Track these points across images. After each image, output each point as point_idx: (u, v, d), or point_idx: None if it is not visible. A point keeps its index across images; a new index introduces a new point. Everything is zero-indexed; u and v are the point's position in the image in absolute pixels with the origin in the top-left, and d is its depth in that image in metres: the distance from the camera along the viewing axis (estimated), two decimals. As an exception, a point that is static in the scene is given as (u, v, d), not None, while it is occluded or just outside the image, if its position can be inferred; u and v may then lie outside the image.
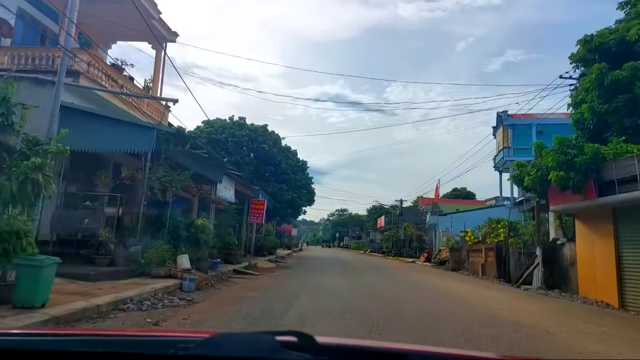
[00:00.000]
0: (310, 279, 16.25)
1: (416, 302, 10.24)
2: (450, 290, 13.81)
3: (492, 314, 8.89)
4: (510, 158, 40.01)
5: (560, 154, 11.13)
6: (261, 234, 34.69)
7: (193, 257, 12.72)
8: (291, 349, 1.10)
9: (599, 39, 11.57)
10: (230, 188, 21.55)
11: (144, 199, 12.73)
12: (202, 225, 13.64)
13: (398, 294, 11.90)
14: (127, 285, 9.61)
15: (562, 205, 12.48)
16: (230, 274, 15.66)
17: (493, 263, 18.20)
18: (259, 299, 10.09)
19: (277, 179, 36.98)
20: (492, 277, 18.25)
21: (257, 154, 36.67)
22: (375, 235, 68.39)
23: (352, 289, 13.20)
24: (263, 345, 1.11)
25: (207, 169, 16.80)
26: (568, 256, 13.47)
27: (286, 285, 13.45)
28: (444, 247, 28.43)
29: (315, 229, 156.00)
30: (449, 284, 15.70)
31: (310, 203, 42.26)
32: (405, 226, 45.00)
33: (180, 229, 13.42)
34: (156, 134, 13.07)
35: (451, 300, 10.96)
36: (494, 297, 12.27)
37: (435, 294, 12.30)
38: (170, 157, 13.51)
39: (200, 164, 15.84)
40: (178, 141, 13.45)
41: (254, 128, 36.91)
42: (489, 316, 8.61)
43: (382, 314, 8.34)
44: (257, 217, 26.47)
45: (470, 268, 21.59)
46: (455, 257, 25.35)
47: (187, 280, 10.78)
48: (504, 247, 17.74)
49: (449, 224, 35.79)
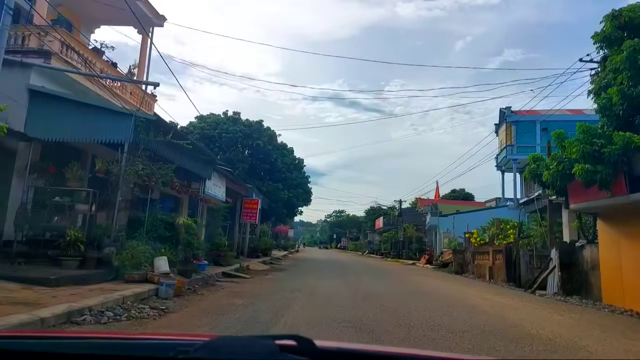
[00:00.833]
0: (305, 283, 14.97)
1: (424, 312, 8.96)
2: (459, 296, 12.55)
3: (513, 327, 7.62)
4: (513, 156, 38.79)
5: (585, 144, 9.87)
6: (256, 235, 33.39)
7: (174, 259, 11.43)
8: (291, 352, 1.11)
9: (628, 14, 10.33)
10: (221, 186, 20.25)
11: (119, 195, 11.45)
12: (185, 225, 12.33)
13: (402, 302, 10.62)
14: (91, 291, 8.31)
15: (586, 202, 11.22)
16: (218, 278, 14.38)
17: (502, 266, 16.95)
18: (244, 307, 8.81)
19: (272, 177, 35.71)
20: (500, 281, 17.00)
21: (252, 151, 35.40)
22: (374, 237, 67.15)
23: (351, 295, 11.94)
24: (262, 349, 1.11)
25: (193, 163, 15.51)
26: (589, 259, 12.22)
27: (278, 290, 12.17)
28: (446, 249, 27.18)
29: (312, 230, 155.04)
30: (456, 289, 14.45)
31: (306, 203, 41.01)
32: (404, 227, 43.72)
33: (161, 228, 12.12)
34: (134, 122, 11.82)
35: (463, 309, 9.69)
36: (509, 304, 11.01)
37: (443, 301, 11.03)
38: (150, 148, 12.22)
39: (185, 157, 14.55)
40: (159, 130, 12.16)
41: (249, 124, 35.63)
42: (512, 330, 7.35)
43: (387, 327, 7.08)
44: (250, 217, 25.16)
45: (475, 271, 20.33)
46: (458, 259, 24.10)
47: (164, 286, 9.48)
48: (514, 250, 16.48)
49: (450, 225, 34.54)
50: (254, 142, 34.61)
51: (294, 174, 37.48)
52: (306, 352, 1.12)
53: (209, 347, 1.15)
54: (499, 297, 12.50)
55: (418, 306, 9.90)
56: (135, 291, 8.77)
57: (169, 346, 1.27)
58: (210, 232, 18.95)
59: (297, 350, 1.12)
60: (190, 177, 16.87)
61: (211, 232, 18.90)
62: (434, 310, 9.23)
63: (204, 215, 20.74)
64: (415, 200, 61.26)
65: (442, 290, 14.04)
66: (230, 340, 1.22)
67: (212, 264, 17.33)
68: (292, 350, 1.12)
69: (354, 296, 11.37)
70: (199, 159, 16.45)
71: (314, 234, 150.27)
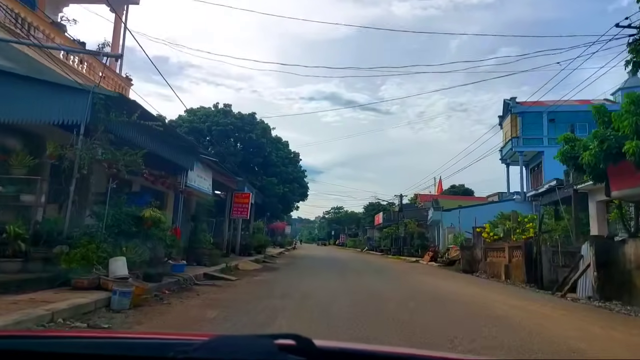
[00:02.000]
0: (298, 285, 13.09)
1: (446, 329, 7.07)
2: (479, 302, 10.67)
3: (570, 352, 5.73)
4: (519, 148, 36.90)
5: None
6: (249, 232, 31.49)
7: (139, 260, 9.52)
8: (290, 352, 1.11)
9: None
10: (207, 178, 18.30)
11: (73, 184, 9.54)
12: (152, 218, 10.40)
13: (416, 312, 8.73)
14: (14, 304, 6.37)
15: (631, 189, 9.33)
16: (198, 280, 12.47)
17: (520, 264, 15.05)
18: (217, 322, 6.93)
19: (266, 171, 33.71)
20: (519, 282, 15.12)
21: (244, 144, 33.39)
22: (373, 233, 65.30)
23: (351, 300, 10.06)
24: (262, 349, 1.11)
25: (170, 150, 13.60)
26: (632, 257, 10.33)
27: (265, 296, 10.28)
28: (453, 246, 25.29)
29: (310, 227, 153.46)
30: (473, 293, 12.56)
31: (303, 198, 39.06)
32: (406, 222, 41.79)
33: (126, 223, 10.20)
34: (92, 99, 9.91)
35: (492, 322, 7.79)
36: (544, 314, 9.13)
37: (464, 310, 9.15)
38: (112, 130, 10.31)
39: (159, 143, 12.63)
40: (122, 109, 10.24)
41: (241, 116, 33.57)
42: (570, 356, 5.46)
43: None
44: (242, 212, 23.22)
45: (488, 270, 18.43)
46: (466, 256, 22.22)
47: (117, 294, 7.56)
48: (535, 245, 14.58)
49: (453, 220, 32.61)
50: (246, 135, 32.57)
51: (289, 168, 35.48)
52: (305, 352, 1.11)
53: (208, 346, 1.15)
54: (527, 303, 10.60)
55: (436, 318, 8.02)
56: (75, 303, 6.84)
57: (168, 346, 1.25)
58: (194, 228, 17.03)
59: (296, 349, 1.11)
60: (170, 167, 14.96)
61: (194, 228, 16.98)
62: (457, 325, 7.33)
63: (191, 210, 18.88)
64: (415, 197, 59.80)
65: (457, 294, 12.15)
66: (230, 340, 1.23)
67: (195, 264, 15.44)
68: (291, 350, 1.11)
69: (355, 305, 9.46)
70: (178, 147, 14.52)
71: (312, 231, 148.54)
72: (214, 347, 1.14)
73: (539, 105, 34.29)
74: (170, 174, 16.11)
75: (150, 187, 16.54)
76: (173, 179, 16.02)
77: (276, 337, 1.15)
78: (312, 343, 1.14)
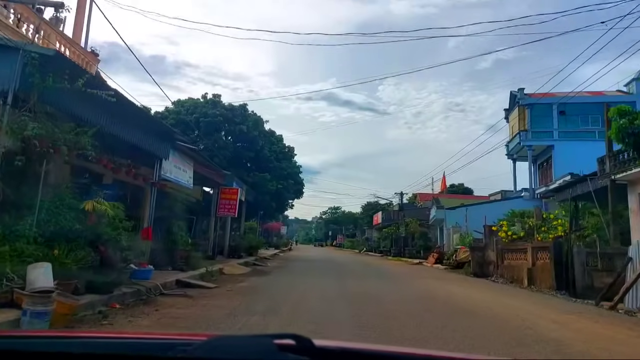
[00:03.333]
0: (288, 294, 10.96)
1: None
2: (512, 315, 8.55)
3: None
4: (528, 142, 34.76)
5: None
6: (239, 232, 29.32)
7: (75, 267, 7.34)
8: (289, 351, 1.10)
9: None
10: (187, 169, 16.10)
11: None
12: (98, 212, 8.23)
13: (438, 334, 6.56)
14: None
15: None
16: (168, 289, 10.32)
17: (548, 268, 12.92)
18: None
19: (259, 167, 31.55)
20: (545, 288, 12.99)
21: (235, 137, 31.23)
22: (372, 233, 63.20)
23: (354, 316, 7.93)
24: (261, 348, 1.11)
25: (137, 133, 11.47)
26: None
27: (244, 310, 8.13)
28: (461, 246, 23.18)
29: (307, 228, 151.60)
30: (501, 303, 10.41)
31: (298, 195, 36.88)
32: (407, 222, 39.63)
33: (65, 218, 8.02)
34: (22, 59, 7.81)
35: (542, 346, 5.66)
36: (602, 334, 7.01)
37: (498, 328, 7.02)
38: (50, 100, 8.18)
39: (121, 122, 10.50)
40: (63, 74, 8.08)
41: (231, 107, 31.41)
42: None
43: None
44: (229, 210, 21.02)
45: (505, 274, 16.27)
46: (477, 258, 20.09)
47: (28, 315, 5.43)
48: (566, 246, 12.46)
49: (459, 218, 30.48)
50: (236, 127, 30.40)
51: (283, 163, 33.31)
52: (305, 351, 1.11)
53: (207, 346, 1.16)
54: (571, 318, 8.46)
55: (467, 343, 5.87)
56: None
57: (168, 345, 1.25)
58: (170, 227, 14.87)
59: (295, 349, 1.11)
60: (141, 155, 12.82)
61: (170, 227, 14.82)
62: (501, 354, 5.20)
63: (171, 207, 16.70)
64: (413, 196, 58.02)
65: (481, 304, 10.03)
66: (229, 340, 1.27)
67: (170, 269, 13.29)
68: (291, 349, 1.10)
69: (359, 322, 7.29)
70: (149, 130, 12.40)
71: (309, 232, 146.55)
72: (214, 346, 1.15)
73: (548, 96, 32.24)
74: (140, 164, 13.97)
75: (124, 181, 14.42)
76: (145, 169, 13.89)
77: (276, 336, 1.13)
78: (311, 342, 1.13)
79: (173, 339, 1.43)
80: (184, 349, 1.12)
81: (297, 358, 1.08)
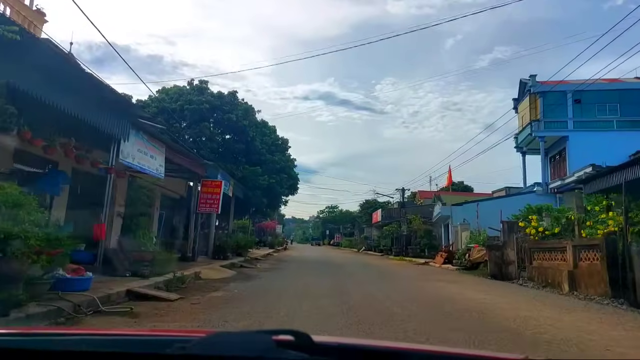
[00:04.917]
0: (273, 309, 8.36)
1: None
2: (576, 340, 6.02)
3: None
4: (540, 133, 32.20)
5: None
6: (228, 230, 26.76)
7: None
8: (288, 348, 1.09)
9: None
10: (156, 155, 13.48)
11: None
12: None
13: None
14: None
15: None
16: (116, 302, 7.82)
17: (598, 270, 10.37)
18: None
19: (249, 160, 28.93)
20: (595, 294, 10.43)
21: (223, 127, 28.63)
22: (371, 232, 60.71)
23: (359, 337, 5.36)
24: (260, 345, 1.10)
25: (73, 99, 8.85)
26: None
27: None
28: (474, 245, 20.66)
29: (304, 227, 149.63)
30: (546, 316, 7.88)
31: (292, 191, 34.28)
32: (410, 219, 37.06)
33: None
34: None
35: None
36: None
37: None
38: None
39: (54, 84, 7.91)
40: None
41: (219, 95, 28.83)
42: None
43: None
44: (210, 205, 18.40)
45: (537, 277, 13.69)
46: (495, 258, 17.55)
47: None
48: (622, 244, 9.93)
49: (467, 215, 27.98)
50: (224, 115, 27.80)
51: (276, 156, 30.69)
52: (304, 347, 1.09)
53: (206, 342, 1.15)
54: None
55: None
56: None
57: (166, 342, 1.21)
58: (130, 223, 12.29)
59: (294, 345, 1.09)
60: (93, 135, 10.29)
61: (130, 223, 12.24)
62: None
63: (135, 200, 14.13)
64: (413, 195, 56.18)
65: (533, 323, 7.44)
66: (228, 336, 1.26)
67: (128, 275, 10.69)
68: (290, 346, 1.09)
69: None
70: (99, 101, 9.80)
71: (306, 231, 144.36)
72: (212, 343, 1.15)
73: (562, 84, 29.74)
74: (93, 146, 11.42)
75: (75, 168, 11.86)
76: (99, 153, 11.35)
77: (274, 332, 1.12)
78: (310, 338, 1.12)
79: (171, 336, 1.45)
80: (182, 346, 1.10)
81: (295, 354, 1.07)
